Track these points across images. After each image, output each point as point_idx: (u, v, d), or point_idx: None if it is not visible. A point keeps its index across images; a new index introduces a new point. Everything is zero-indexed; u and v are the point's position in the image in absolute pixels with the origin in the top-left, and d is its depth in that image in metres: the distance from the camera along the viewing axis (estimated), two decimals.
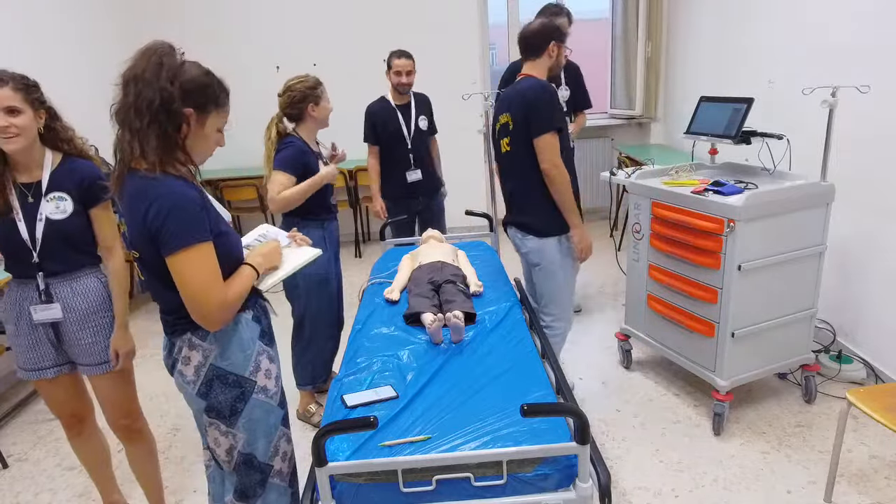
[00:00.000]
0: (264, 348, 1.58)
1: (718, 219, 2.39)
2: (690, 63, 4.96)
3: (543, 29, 2.45)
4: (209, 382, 1.50)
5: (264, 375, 1.57)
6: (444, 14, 5.32)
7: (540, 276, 2.58)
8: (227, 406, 1.51)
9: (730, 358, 2.50)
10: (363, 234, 5.74)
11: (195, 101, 1.38)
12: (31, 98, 1.75)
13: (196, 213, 1.35)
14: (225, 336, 1.50)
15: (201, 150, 1.46)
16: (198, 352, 1.49)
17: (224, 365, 1.50)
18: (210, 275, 1.36)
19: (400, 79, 3.37)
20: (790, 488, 2.25)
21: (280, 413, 1.64)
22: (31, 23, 3.85)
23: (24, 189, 1.82)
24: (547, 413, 1.52)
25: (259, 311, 1.61)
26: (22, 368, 1.97)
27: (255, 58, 5.27)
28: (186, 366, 1.50)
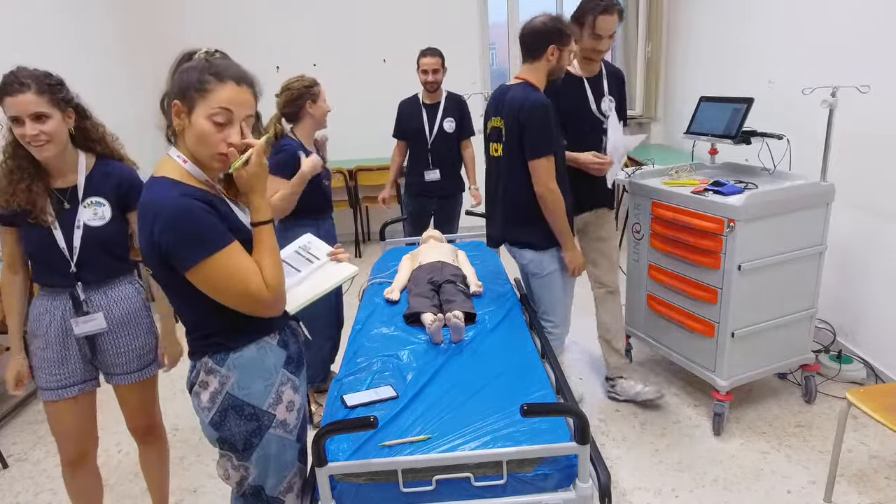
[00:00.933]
0: (289, 377, 1.43)
1: (718, 219, 2.39)
2: (690, 63, 4.96)
3: (542, 29, 2.24)
4: (224, 412, 1.36)
5: (285, 408, 1.41)
6: (444, 14, 5.32)
7: (538, 284, 2.47)
8: (241, 440, 1.37)
9: (730, 358, 2.50)
10: (363, 234, 5.74)
11: (178, 91, 1.27)
12: (57, 99, 1.64)
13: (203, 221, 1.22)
14: (245, 362, 1.35)
15: (197, 148, 1.28)
16: (215, 377, 1.35)
17: (241, 395, 1.35)
18: (241, 277, 1.24)
19: (427, 77, 3.38)
20: (790, 488, 2.25)
21: (297, 448, 1.49)
22: (30, 23, 3.85)
23: (59, 195, 1.72)
24: (547, 413, 1.52)
25: (287, 334, 1.46)
26: (45, 388, 1.82)
27: (255, 58, 5.23)
28: (204, 390, 1.37)
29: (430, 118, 3.46)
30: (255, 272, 1.27)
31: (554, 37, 2.24)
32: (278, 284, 1.30)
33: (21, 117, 1.59)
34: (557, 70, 2.33)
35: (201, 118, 1.26)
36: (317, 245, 1.66)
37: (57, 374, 1.81)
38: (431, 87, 3.42)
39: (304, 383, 1.51)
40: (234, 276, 1.24)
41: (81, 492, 2.01)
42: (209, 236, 1.22)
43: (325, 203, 2.75)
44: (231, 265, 1.24)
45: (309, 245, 1.66)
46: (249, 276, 1.26)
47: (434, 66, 3.37)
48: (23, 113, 1.59)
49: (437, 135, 3.48)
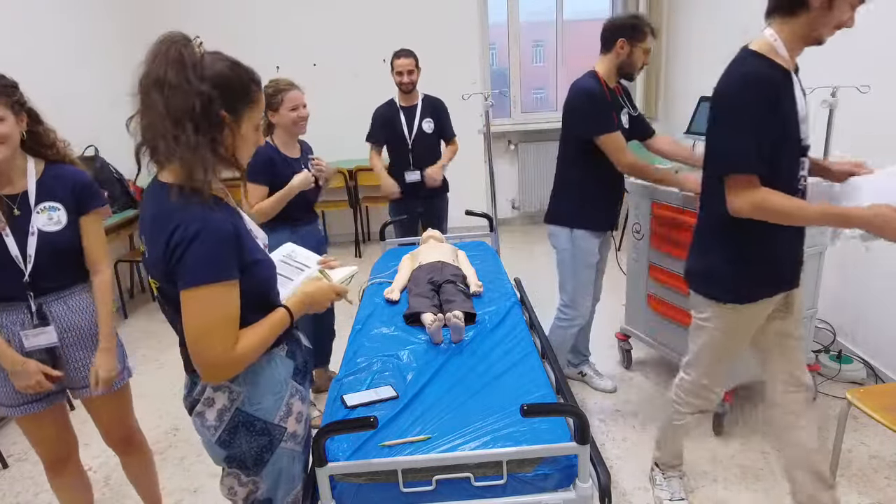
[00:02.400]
0: (297, 388, 1.40)
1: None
2: (690, 63, 4.96)
3: (615, 23, 2.45)
4: (233, 430, 1.31)
5: (295, 420, 1.38)
6: (444, 14, 5.32)
7: (556, 259, 2.72)
8: (252, 456, 1.33)
9: None
10: (363, 234, 5.74)
11: (225, 101, 1.18)
12: (11, 102, 1.59)
13: (223, 248, 1.16)
14: (257, 376, 1.31)
15: (242, 155, 1.28)
16: (224, 394, 1.29)
17: (253, 410, 1.31)
18: (223, 321, 1.17)
19: (401, 78, 3.37)
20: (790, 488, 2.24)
21: (303, 459, 1.46)
22: (30, 22, 3.85)
23: (8, 201, 1.65)
24: (547, 413, 1.52)
25: (294, 344, 1.43)
26: (7, 406, 1.74)
27: (255, 58, 5.22)
28: (209, 408, 1.30)
29: (408, 120, 3.46)
30: (233, 328, 1.20)
31: (626, 31, 2.42)
32: (244, 361, 1.23)
33: None
34: (628, 65, 2.47)
35: (250, 129, 1.26)
36: (301, 253, 1.64)
37: (19, 393, 1.73)
38: (406, 88, 3.41)
39: (309, 393, 1.50)
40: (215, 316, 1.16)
41: (70, 495, 1.97)
42: (219, 263, 1.16)
43: (305, 209, 2.70)
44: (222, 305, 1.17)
45: (293, 254, 1.63)
46: (227, 327, 1.18)
47: (409, 66, 3.37)
48: None
49: (416, 136, 3.47)
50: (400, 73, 3.37)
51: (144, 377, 3.41)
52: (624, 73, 2.52)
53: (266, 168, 2.53)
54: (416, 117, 3.47)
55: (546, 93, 7.81)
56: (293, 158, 2.64)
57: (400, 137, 3.47)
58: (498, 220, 3.44)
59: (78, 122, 1.89)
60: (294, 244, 1.69)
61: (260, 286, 1.28)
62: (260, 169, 2.52)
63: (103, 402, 1.86)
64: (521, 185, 5.84)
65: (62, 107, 1.78)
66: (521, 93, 5.83)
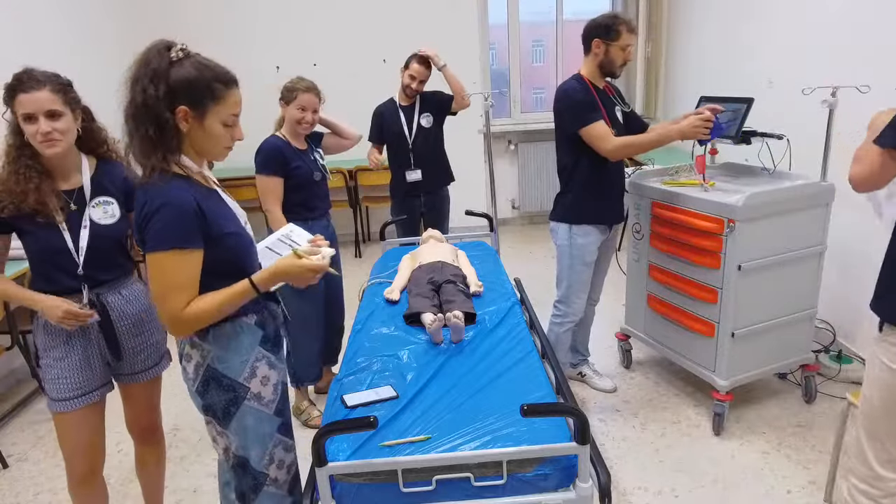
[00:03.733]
0: (265, 354, 1.55)
1: (718, 219, 2.39)
2: (690, 63, 4.96)
3: (590, 24, 2.52)
4: (206, 382, 1.49)
5: (260, 382, 1.53)
6: (444, 14, 5.32)
7: (556, 256, 2.77)
8: (221, 408, 1.51)
9: (730, 358, 2.50)
10: (363, 234, 5.74)
11: (187, 97, 1.34)
12: (69, 98, 1.67)
13: (183, 217, 1.33)
14: (223, 338, 1.48)
15: (208, 147, 1.43)
16: (197, 351, 1.48)
17: (220, 367, 1.48)
18: (175, 284, 1.34)
19: (412, 83, 3.38)
20: (790, 488, 2.25)
21: (276, 422, 1.59)
22: (30, 22, 3.85)
23: (65, 196, 1.72)
24: (547, 413, 1.52)
25: (266, 315, 1.57)
26: (62, 399, 1.77)
27: (255, 58, 5.27)
28: (188, 363, 1.51)
29: (408, 119, 3.47)
30: (186, 291, 1.35)
31: (601, 31, 2.48)
32: (196, 321, 1.38)
33: (36, 114, 1.60)
34: (607, 64, 2.53)
35: (216, 123, 1.39)
36: (298, 233, 1.75)
37: (79, 381, 1.79)
38: (411, 94, 3.42)
39: (282, 362, 1.62)
40: (169, 279, 1.34)
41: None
42: (175, 233, 1.32)
43: (318, 201, 2.74)
44: (176, 270, 1.34)
45: (291, 233, 1.74)
46: (177, 290, 1.34)
47: (424, 76, 3.38)
48: (38, 110, 1.60)
49: (416, 133, 3.48)
50: (413, 77, 3.37)
51: None
52: (606, 72, 2.57)
53: (276, 158, 2.57)
54: (415, 115, 3.48)
55: (546, 93, 7.80)
56: (302, 151, 2.68)
57: (400, 136, 3.47)
58: (498, 220, 3.45)
59: None
60: (294, 225, 1.78)
61: (230, 256, 1.44)
62: (269, 160, 2.56)
63: (144, 387, 1.96)
64: (521, 185, 5.84)
65: None
66: (521, 93, 5.83)
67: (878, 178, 1.43)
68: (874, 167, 1.42)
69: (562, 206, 2.68)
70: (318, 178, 2.72)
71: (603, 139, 2.45)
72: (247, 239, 1.52)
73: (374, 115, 3.53)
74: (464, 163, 4.08)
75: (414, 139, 3.48)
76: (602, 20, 2.49)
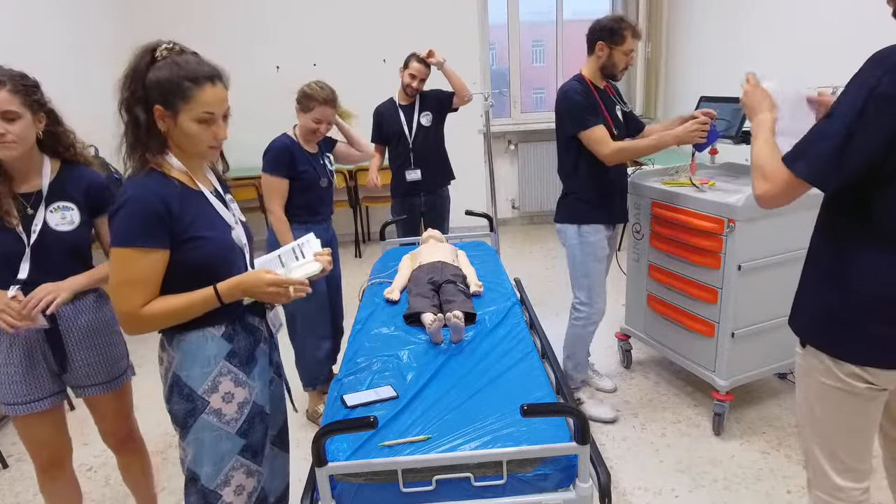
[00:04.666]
0: (231, 369, 1.46)
1: (718, 219, 2.39)
2: (690, 63, 4.96)
3: (596, 26, 2.50)
4: (171, 387, 1.46)
5: (221, 398, 1.45)
6: (444, 14, 5.32)
7: (567, 257, 2.74)
8: (181, 417, 1.46)
9: (730, 358, 2.50)
10: (363, 234, 5.74)
11: (160, 97, 1.34)
12: (30, 100, 1.61)
13: (145, 215, 1.31)
14: (186, 346, 1.43)
15: (189, 145, 1.40)
16: (166, 355, 1.47)
17: (182, 375, 1.44)
18: (131, 280, 1.32)
19: (412, 82, 3.38)
20: (790, 488, 2.25)
21: (238, 443, 1.48)
22: (29, 22, 3.85)
23: (23, 200, 1.66)
24: (547, 413, 1.52)
25: (237, 329, 1.49)
26: (10, 403, 1.74)
27: (255, 58, 5.27)
28: (160, 365, 1.50)
29: (407, 119, 3.47)
30: (142, 289, 1.33)
31: (605, 34, 2.48)
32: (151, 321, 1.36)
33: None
34: (609, 67, 2.53)
35: (188, 121, 1.37)
36: (312, 245, 1.68)
37: (23, 390, 1.73)
38: (411, 93, 3.42)
39: (258, 381, 1.53)
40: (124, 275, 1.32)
41: (60, 500, 1.93)
42: (137, 230, 1.31)
43: (321, 206, 2.73)
44: (132, 267, 1.32)
45: (304, 244, 1.68)
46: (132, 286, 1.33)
47: (423, 74, 3.38)
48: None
49: (416, 132, 3.49)
50: (413, 76, 3.38)
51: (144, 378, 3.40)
52: (607, 74, 2.58)
53: (283, 159, 2.56)
54: (414, 114, 3.48)
55: (546, 93, 7.81)
56: (312, 155, 2.67)
57: (400, 135, 3.48)
58: (498, 220, 3.45)
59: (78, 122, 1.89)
60: (313, 235, 1.72)
61: (202, 261, 1.39)
62: (278, 161, 2.55)
63: (106, 400, 1.88)
64: (521, 185, 5.84)
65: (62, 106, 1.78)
66: (521, 93, 5.83)
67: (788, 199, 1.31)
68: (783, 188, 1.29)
69: (565, 207, 2.67)
70: (325, 185, 2.70)
71: (601, 143, 2.45)
72: (225, 245, 1.45)
73: (375, 115, 3.54)
74: (464, 163, 4.07)
75: (414, 138, 3.48)
76: (607, 23, 2.48)
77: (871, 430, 1.40)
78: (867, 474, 1.45)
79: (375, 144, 3.55)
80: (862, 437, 1.41)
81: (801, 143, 1.28)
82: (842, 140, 1.19)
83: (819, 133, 1.24)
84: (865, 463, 1.43)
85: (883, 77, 1.15)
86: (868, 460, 1.43)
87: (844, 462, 1.43)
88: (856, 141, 1.17)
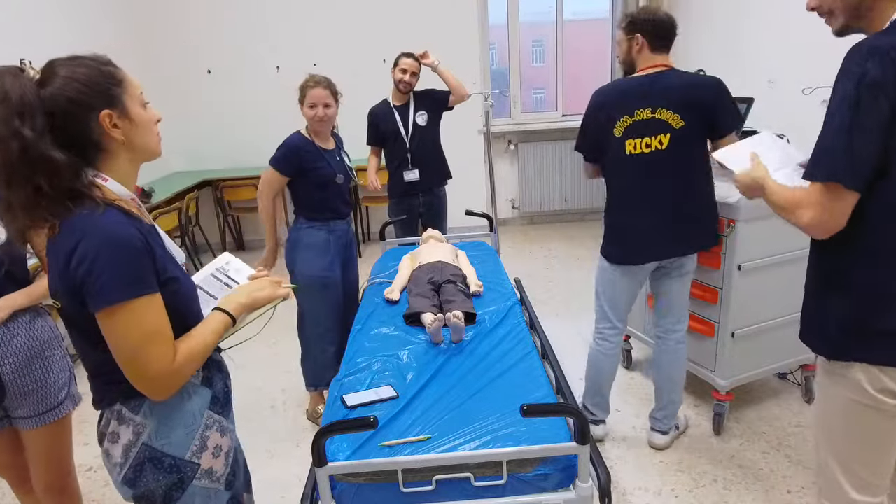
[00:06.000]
0: (215, 419, 1.26)
1: (719, 219, 2.39)
2: (690, 64, 4.96)
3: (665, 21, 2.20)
4: (139, 467, 1.17)
5: (211, 455, 1.24)
6: (444, 14, 5.32)
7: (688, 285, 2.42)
8: (160, 495, 1.19)
9: (730, 358, 2.50)
10: (363, 234, 5.74)
11: (101, 102, 1.08)
12: None
13: (132, 260, 1.05)
14: (164, 408, 1.17)
15: (147, 139, 1.17)
16: (128, 427, 1.16)
17: (160, 445, 1.17)
18: (151, 334, 1.07)
19: (403, 76, 3.37)
20: (790, 488, 2.25)
21: (224, 497, 1.29)
22: (29, 22, 3.85)
23: None
24: (547, 413, 1.52)
25: (212, 370, 1.29)
26: None
27: (255, 58, 5.28)
28: (114, 444, 1.18)
29: (403, 118, 3.47)
30: (168, 339, 1.10)
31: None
32: (190, 367, 1.14)
33: None
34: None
35: (136, 108, 1.14)
36: (236, 266, 1.41)
37: None
38: (405, 89, 3.40)
39: (232, 422, 1.34)
40: (140, 335, 1.06)
41: None
42: (133, 277, 1.05)
43: (339, 203, 2.71)
44: (144, 321, 1.06)
45: (227, 267, 1.41)
46: (158, 343, 1.08)
47: (414, 68, 3.38)
48: None
49: (412, 132, 3.48)
50: (404, 70, 3.37)
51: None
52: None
53: (291, 159, 2.55)
54: (410, 114, 3.48)
55: (546, 93, 7.81)
56: (327, 150, 2.65)
57: (396, 136, 3.47)
58: (498, 220, 3.45)
59: None
60: (230, 255, 1.45)
61: (177, 306, 1.15)
62: (284, 158, 2.56)
63: (35, 436, 1.68)
64: (521, 185, 5.84)
65: None
66: (521, 93, 5.83)
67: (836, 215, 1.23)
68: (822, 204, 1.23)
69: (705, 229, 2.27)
70: (341, 181, 2.68)
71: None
72: (191, 284, 1.24)
73: (369, 116, 3.52)
74: (464, 163, 4.08)
75: (411, 138, 3.48)
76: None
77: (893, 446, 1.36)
78: (885, 490, 1.40)
79: (372, 146, 3.55)
80: (883, 453, 1.36)
81: (812, 156, 1.26)
82: (846, 133, 1.18)
83: (823, 137, 1.23)
84: (885, 479, 1.39)
85: (867, 64, 1.16)
86: (887, 476, 1.39)
87: (861, 478, 1.39)
88: (859, 130, 1.17)
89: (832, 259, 1.32)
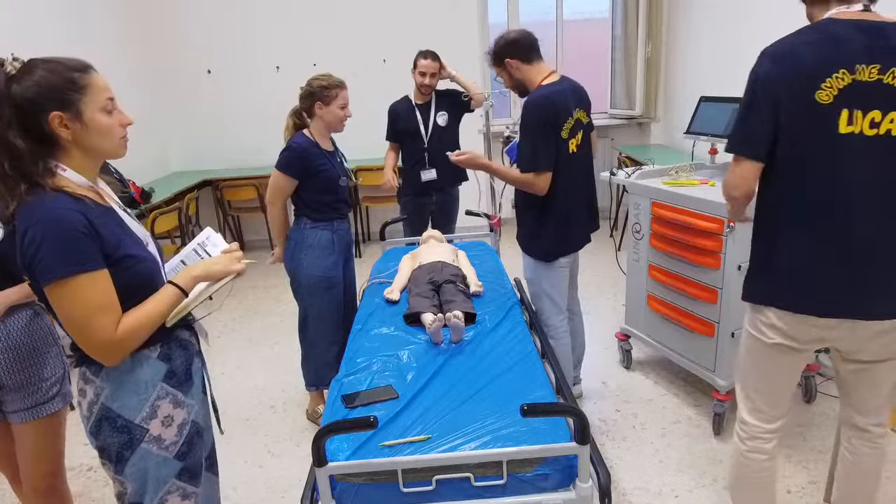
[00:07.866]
0: (169, 391, 1.37)
1: (718, 219, 2.39)
2: (690, 63, 4.96)
3: None
4: (99, 422, 1.33)
5: (160, 423, 1.35)
6: (444, 14, 5.32)
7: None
8: (115, 451, 1.34)
9: (730, 358, 2.50)
10: (363, 234, 5.74)
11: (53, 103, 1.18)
12: None
13: (74, 240, 1.16)
14: (118, 375, 1.31)
15: (103, 143, 1.26)
16: (90, 387, 1.32)
17: (114, 406, 1.32)
18: (94, 307, 1.18)
19: (423, 80, 3.38)
20: (790, 488, 2.25)
21: (175, 466, 1.39)
22: (29, 23, 3.85)
23: None
24: (547, 413, 1.52)
25: (173, 347, 1.40)
26: None
27: (255, 58, 5.28)
28: (83, 399, 1.34)
29: (423, 117, 3.47)
30: (110, 311, 1.21)
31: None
32: (133, 339, 1.24)
33: None
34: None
35: (96, 114, 1.23)
36: (214, 241, 1.51)
37: None
38: (426, 91, 3.42)
39: (195, 398, 1.45)
40: (82, 308, 1.18)
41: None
42: (74, 256, 1.16)
43: (342, 204, 2.72)
44: (85, 296, 1.18)
45: (206, 242, 1.51)
46: (99, 313, 1.19)
47: (432, 69, 3.37)
48: None
49: (432, 132, 3.48)
50: (423, 73, 3.37)
51: None
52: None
53: (299, 162, 2.54)
54: (431, 113, 3.48)
55: None
56: (328, 152, 2.65)
57: (416, 134, 3.47)
58: (499, 219, 3.45)
59: None
60: (211, 229, 1.56)
61: (134, 282, 1.27)
62: (293, 162, 2.54)
63: (25, 430, 1.69)
64: None
65: None
66: None
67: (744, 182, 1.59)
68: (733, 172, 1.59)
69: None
70: (343, 183, 2.69)
71: None
72: (152, 262, 1.35)
73: (390, 112, 3.54)
74: None
75: (430, 138, 3.48)
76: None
77: (782, 382, 1.67)
78: (775, 420, 1.69)
79: (391, 142, 3.55)
80: (773, 384, 1.67)
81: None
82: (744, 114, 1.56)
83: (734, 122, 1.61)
84: (775, 409, 1.69)
85: (764, 63, 1.55)
86: (778, 408, 1.69)
87: (754, 402, 1.70)
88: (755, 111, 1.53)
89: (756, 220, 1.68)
